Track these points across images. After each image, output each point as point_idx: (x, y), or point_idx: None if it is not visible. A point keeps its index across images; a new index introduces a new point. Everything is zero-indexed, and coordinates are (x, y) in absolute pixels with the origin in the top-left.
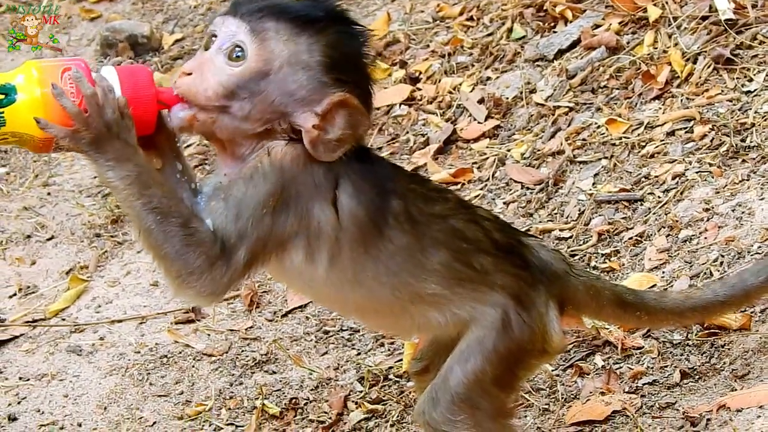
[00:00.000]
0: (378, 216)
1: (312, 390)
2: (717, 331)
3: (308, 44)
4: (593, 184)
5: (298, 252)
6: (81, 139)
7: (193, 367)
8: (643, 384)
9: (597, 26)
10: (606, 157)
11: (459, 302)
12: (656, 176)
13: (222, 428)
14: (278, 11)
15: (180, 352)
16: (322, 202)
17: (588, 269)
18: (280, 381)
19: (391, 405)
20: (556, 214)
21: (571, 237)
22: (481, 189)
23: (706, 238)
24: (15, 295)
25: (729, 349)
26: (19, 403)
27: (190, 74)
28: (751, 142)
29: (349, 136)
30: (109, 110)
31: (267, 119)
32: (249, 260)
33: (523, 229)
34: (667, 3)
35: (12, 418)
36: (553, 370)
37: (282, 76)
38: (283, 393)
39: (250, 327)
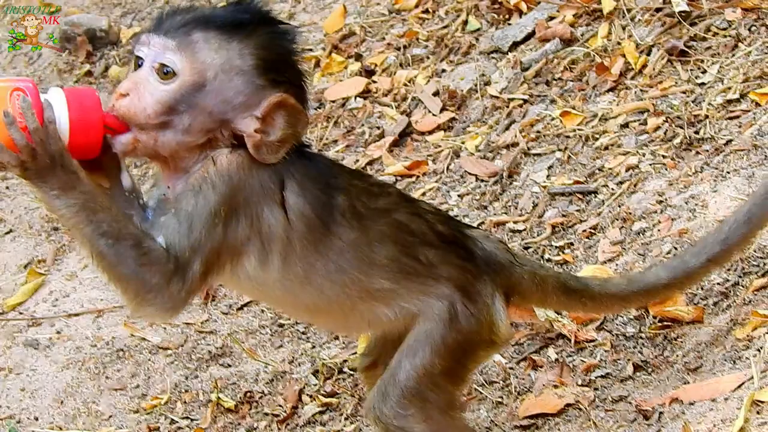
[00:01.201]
0: (325, 213)
1: (267, 383)
2: (670, 323)
3: (239, 49)
4: (547, 176)
5: (251, 257)
6: (27, 170)
7: (149, 360)
8: (596, 377)
9: (551, 18)
10: (560, 150)
11: (407, 296)
12: (610, 168)
13: (177, 422)
14: (204, 21)
15: (136, 346)
16: (271, 204)
17: (541, 261)
18: (236, 374)
19: (345, 398)
20: (510, 206)
21: (525, 229)
22: (436, 181)
23: (659, 230)
24: None
25: (682, 341)
26: None
27: (126, 95)
28: (704, 134)
29: (290, 136)
30: (52, 142)
31: (208, 129)
32: (204, 272)
33: (477, 222)
34: None
35: None
36: (506, 363)
37: (218, 84)
38: (238, 386)
39: (206, 320)
